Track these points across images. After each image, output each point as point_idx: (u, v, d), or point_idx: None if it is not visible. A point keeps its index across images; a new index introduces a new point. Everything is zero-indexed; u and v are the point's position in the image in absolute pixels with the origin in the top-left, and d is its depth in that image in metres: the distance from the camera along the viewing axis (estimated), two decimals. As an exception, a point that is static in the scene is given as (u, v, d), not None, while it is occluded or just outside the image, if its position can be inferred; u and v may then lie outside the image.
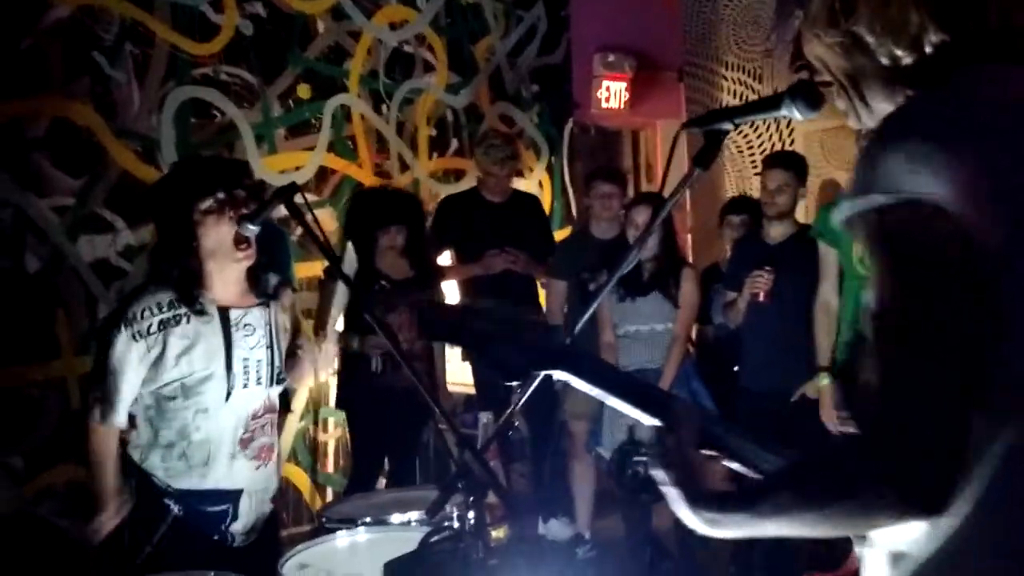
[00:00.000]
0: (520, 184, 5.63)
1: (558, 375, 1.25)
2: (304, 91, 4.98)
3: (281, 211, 2.58)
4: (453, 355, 5.24)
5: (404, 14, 5.42)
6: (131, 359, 2.32)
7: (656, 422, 1.25)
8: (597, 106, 6.25)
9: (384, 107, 5.32)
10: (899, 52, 1.11)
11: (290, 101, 4.95)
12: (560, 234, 5.60)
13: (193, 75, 4.57)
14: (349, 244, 3.70)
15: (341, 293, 3.95)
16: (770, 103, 1.39)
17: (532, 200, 5.06)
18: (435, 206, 4.97)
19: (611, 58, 6.26)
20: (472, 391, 4.91)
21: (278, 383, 2.53)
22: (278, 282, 2.60)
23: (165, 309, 2.34)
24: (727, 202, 4.88)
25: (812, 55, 1.20)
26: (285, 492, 4.57)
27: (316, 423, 4.91)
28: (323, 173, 5.05)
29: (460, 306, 1.29)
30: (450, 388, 5.18)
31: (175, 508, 2.38)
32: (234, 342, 2.40)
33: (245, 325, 2.44)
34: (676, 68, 6.68)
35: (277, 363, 2.51)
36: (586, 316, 1.77)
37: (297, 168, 4.90)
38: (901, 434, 0.89)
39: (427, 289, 4.19)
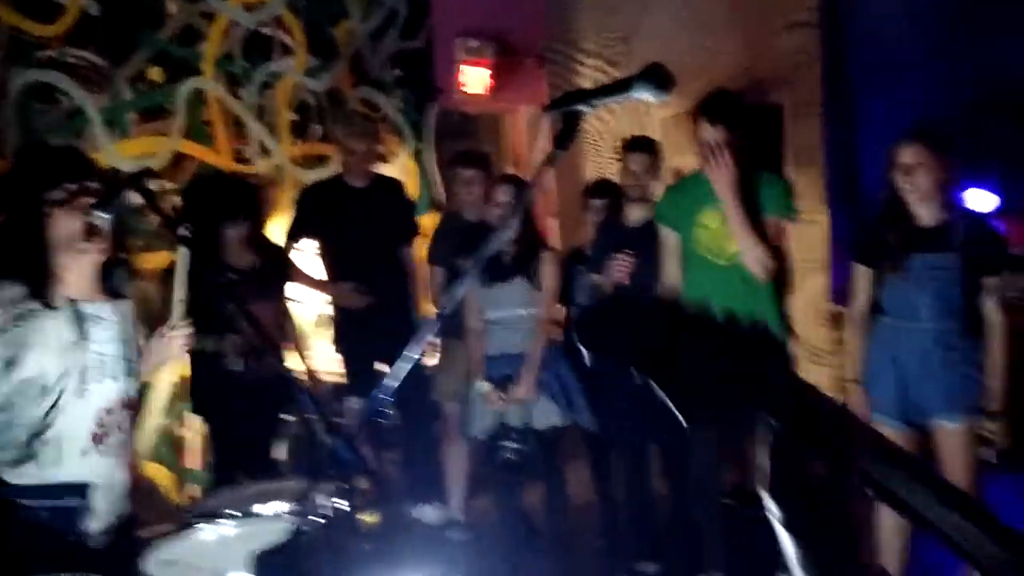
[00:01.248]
0: (385, 170, 5.59)
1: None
2: (156, 74, 4.81)
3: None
4: (320, 343, 5.18)
5: (260, -5, 5.29)
6: None
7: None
8: (460, 91, 6.26)
9: (242, 91, 5.18)
10: None
11: (141, 84, 4.77)
12: (427, 220, 5.60)
13: (37, 58, 4.34)
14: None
15: (181, 284, 3.83)
16: (623, 85, 1.44)
17: (395, 184, 5.02)
18: (297, 193, 4.89)
19: (473, 43, 6.28)
20: (341, 380, 4.86)
21: (133, 377, 2.46)
22: (129, 276, 2.54)
23: (18, 304, 2.24)
24: (589, 186, 4.97)
25: None
26: (148, 491, 4.43)
27: (179, 419, 4.77)
28: (179, 159, 4.89)
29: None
30: (320, 377, 5.12)
31: (28, 507, 2.29)
32: (88, 336, 2.33)
33: (98, 319, 2.37)
34: (537, 54, 6.75)
35: (131, 356, 2.44)
36: (455, 300, 1.78)
37: (151, 154, 4.73)
38: None
39: (277, 279, 4.11)
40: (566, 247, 5.44)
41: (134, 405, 2.51)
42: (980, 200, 4.78)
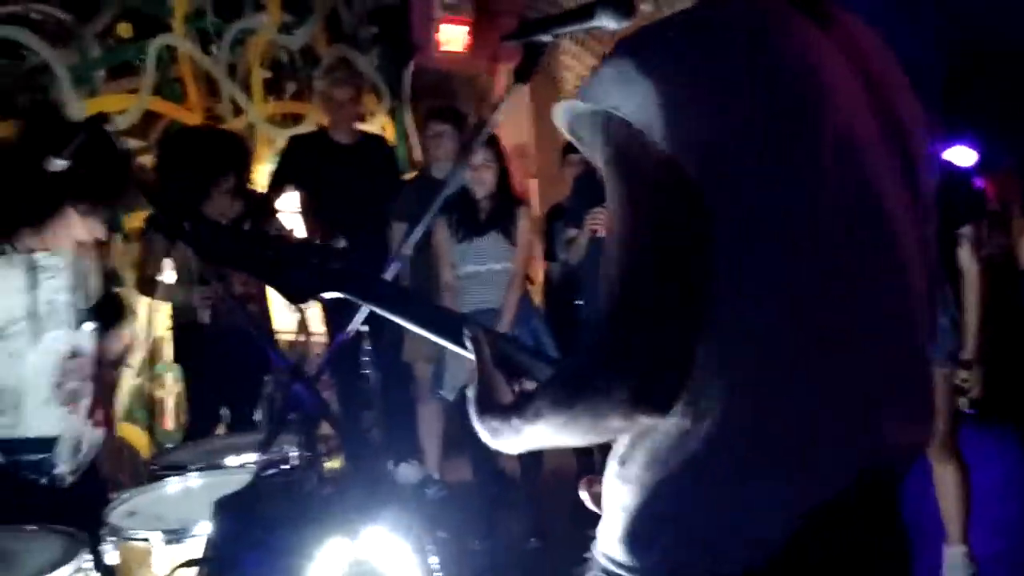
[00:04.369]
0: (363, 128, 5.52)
1: (347, 296, 1.30)
2: (125, 30, 4.70)
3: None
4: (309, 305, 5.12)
5: (232, -51, 5.18)
6: None
7: (447, 343, 1.26)
8: (437, 49, 6.17)
9: (213, 48, 5.08)
10: None
11: (110, 41, 4.67)
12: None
13: (-1, 14, 4.24)
14: None
15: (162, 246, 3.79)
16: (583, 12, 1.39)
17: (381, 142, 4.98)
18: (283, 146, 4.82)
19: (450, 1, 6.18)
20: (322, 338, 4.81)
21: (86, 327, 2.44)
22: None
23: None
24: (568, 142, 4.93)
25: None
26: (121, 451, 4.39)
27: (152, 379, 4.73)
28: (149, 118, 4.80)
29: (241, 230, 1.30)
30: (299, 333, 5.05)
31: None
32: (39, 283, 2.34)
33: (49, 267, 2.37)
34: (517, 13, 6.65)
35: (83, 306, 2.43)
36: (410, 241, 1.73)
37: (120, 112, 4.64)
38: (625, 338, 0.94)
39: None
40: (545, 206, 5.40)
41: (94, 354, 2.49)
42: (959, 156, 4.76)
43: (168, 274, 3.91)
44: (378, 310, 1.30)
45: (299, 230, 4.63)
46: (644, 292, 0.94)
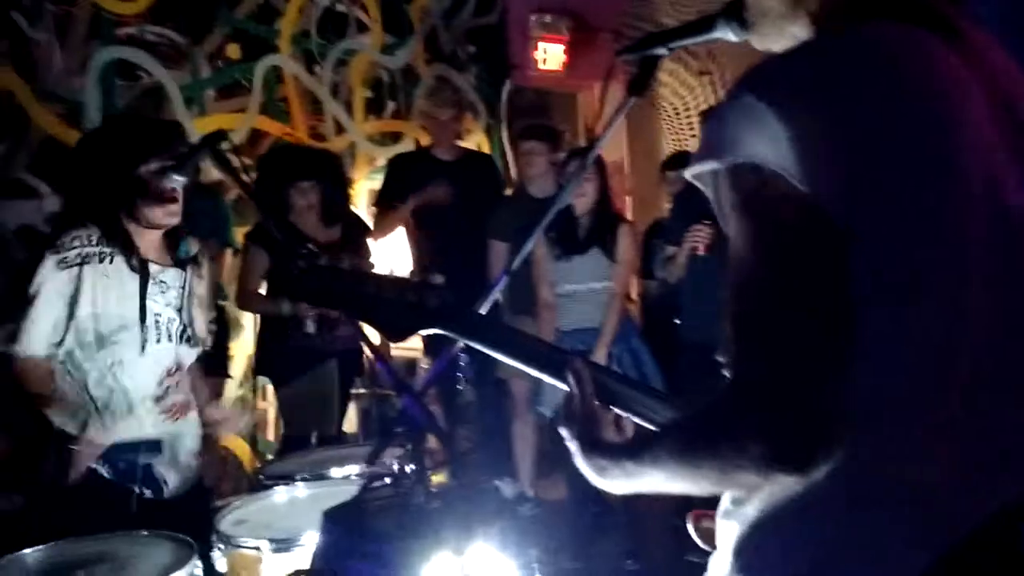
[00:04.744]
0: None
1: (447, 333, 1.30)
2: (234, 51, 4.86)
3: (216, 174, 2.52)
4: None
5: (336, -28, 5.30)
6: (49, 288, 2.27)
7: (548, 377, 1.25)
8: (534, 68, 6.20)
9: (317, 68, 5.20)
10: None
11: (219, 62, 4.82)
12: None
13: (118, 35, 4.41)
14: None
15: (263, 260, 3.87)
16: (703, 24, 1.37)
17: (484, 160, 5.02)
18: (385, 165, 4.89)
19: (547, 19, 6.21)
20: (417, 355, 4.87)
21: (189, 344, 2.51)
22: (198, 249, 2.60)
23: (94, 242, 2.31)
24: (667, 158, 4.90)
25: None
26: (225, 461, 4.50)
27: (255, 391, 4.83)
28: (256, 136, 4.93)
29: (338, 269, 1.30)
30: (395, 352, 5.13)
31: (101, 469, 2.33)
32: (149, 295, 2.39)
33: (161, 282, 2.43)
34: (612, 29, 6.65)
35: (187, 325, 2.49)
36: (518, 259, 1.73)
37: (228, 131, 4.76)
38: (764, 391, 0.89)
39: (355, 252, 4.11)
40: (640, 224, 5.36)
41: (193, 371, 2.56)
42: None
43: (264, 288, 3.99)
44: (477, 345, 1.31)
45: (400, 251, 4.70)
46: (787, 340, 0.89)
